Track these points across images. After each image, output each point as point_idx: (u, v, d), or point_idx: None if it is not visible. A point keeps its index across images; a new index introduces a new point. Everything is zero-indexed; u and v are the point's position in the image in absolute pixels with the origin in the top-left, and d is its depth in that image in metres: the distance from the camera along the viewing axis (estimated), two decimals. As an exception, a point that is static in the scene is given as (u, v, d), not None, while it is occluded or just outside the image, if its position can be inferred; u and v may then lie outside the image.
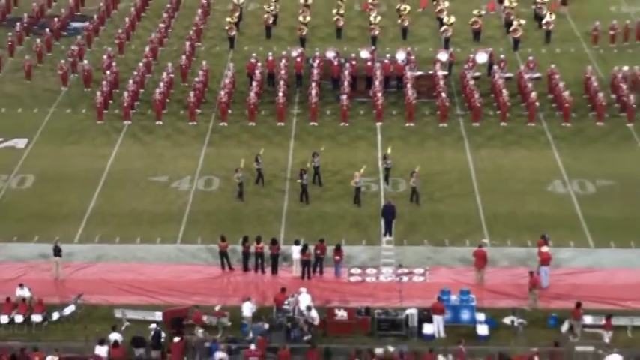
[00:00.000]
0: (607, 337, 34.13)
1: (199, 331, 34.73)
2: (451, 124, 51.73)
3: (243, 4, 67.96)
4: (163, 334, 34.01)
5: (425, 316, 35.76)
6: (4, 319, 35.85)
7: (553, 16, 64.81)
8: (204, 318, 35.37)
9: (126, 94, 52.93)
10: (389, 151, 46.82)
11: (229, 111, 52.36)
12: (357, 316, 35.92)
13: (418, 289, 37.81)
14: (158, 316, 35.59)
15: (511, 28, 63.11)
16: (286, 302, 35.83)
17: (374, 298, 37.54)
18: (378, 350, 33.24)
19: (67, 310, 36.43)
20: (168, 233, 41.78)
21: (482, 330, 35.37)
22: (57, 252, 38.75)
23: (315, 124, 51.80)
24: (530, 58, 58.30)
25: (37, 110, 53.39)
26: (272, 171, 46.13)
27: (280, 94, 52.89)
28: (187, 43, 60.48)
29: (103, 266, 39.59)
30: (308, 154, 46.43)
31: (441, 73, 55.64)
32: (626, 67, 55.79)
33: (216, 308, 35.85)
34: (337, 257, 38.85)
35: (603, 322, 34.76)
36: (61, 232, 40.82)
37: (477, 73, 56.35)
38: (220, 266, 39.25)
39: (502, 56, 58.11)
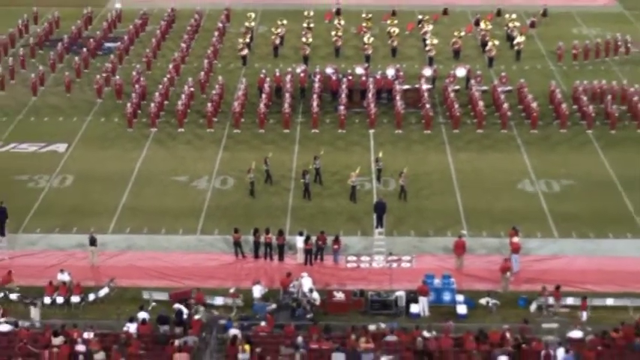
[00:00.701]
0: (583, 316, 34.23)
1: (213, 311, 35.06)
2: (434, 131, 51.82)
3: (254, 27, 68.21)
4: (185, 313, 34.22)
5: (412, 297, 35.99)
6: (47, 300, 36.02)
7: (522, 38, 65.07)
8: (216, 298, 35.74)
9: (152, 105, 53.14)
10: (380, 154, 46.95)
11: (242, 120, 52.49)
12: (352, 297, 36.20)
13: (406, 274, 37.81)
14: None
15: (486, 48, 63.35)
16: (291, 285, 36.07)
17: (367, 281, 37.70)
18: (371, 327, 33.23)
19: (102, 293, 36.66)
20: (189, 226, 41.90)
21: (462, 310, 35.58)
22: (92, 242, 38.96)
23: (317, 130, 51.91)
24: (503, 73, 58.64)
25: (75, 119, 53.49)
26: (279, 172, 46.19)
27: (286, 105, 53.06)
28: (205, 61, 60.74)
29: (133, 254, 39.78)
30: (310, 156, 46.56)
31: (425, 86, 55.72)
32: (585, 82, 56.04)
33: (231, 291, 36.02)
34: (336, 246, 39.07)
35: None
36: (96, 225, 41.04)
37: (457, 87, 56.44)
38: (234, 254, 39.41)
39: (478, 72, 58.37)
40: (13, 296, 36.47)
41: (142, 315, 33.79)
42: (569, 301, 35.73)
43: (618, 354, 31.32)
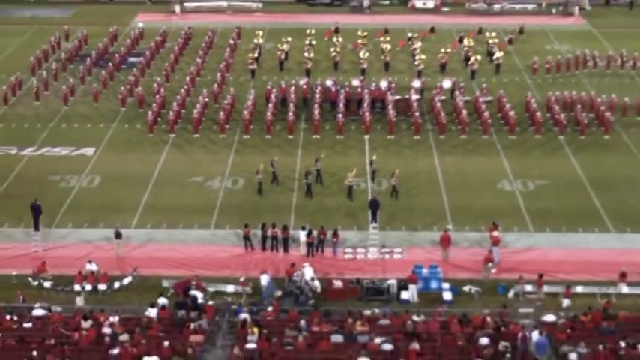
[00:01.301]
0: (565, 303, 34.27)
1: (225, 297, 35.15)
2: (423, 136, 51.79)
3: (262, 44, 68.22)
4: (200, 299, 34.27)
5: (402, 285, 36.06)
6: (77, 287, 36.14)
7: (501, 53, 65.11)
8: (228, 286, 35.75)
9: (171, 113, 53.17)
10: (374, 157, 46.98)
11: (251, 126, 52.44)
12: (349, 285, 36.33)
13: (397, 264, 37.97)
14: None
15: (469, 62, 63.33)
16: (295, 274, 36.10)
17: (363, 271, 37.75)
18: (366, 311, 33.37)
19: (126, 281, 36.79)
20: (203, 221, 41.91)
21: (447, 296, 35.66)
22: (118, 235, 39.03)
23: (317, 136, 51.89)
24: (484, 85, 58.60)
25: (102, 126, 53.47)
26: (284, 173, 46.16)
27: (290, 113, 53.07)
28: (218, 74, 60.69)
29: (153, 247, 39.84)
30: (312, 160, 46.51)
31: (414, 97, 55.74)
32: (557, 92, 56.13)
33: (241, 279, 36.14)
34: (335, 240, 39.10)
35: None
36: (120, 220, 40.98)
37: (443, 97, 56.33)
38: (244, 247, 39.44)
39: (462, 84, 58.40)
40: (47, 284, 36.62)
41: (162, 301, 33.98)
42: (545, 288, 35.82)
43: (587, 336, 31.32)
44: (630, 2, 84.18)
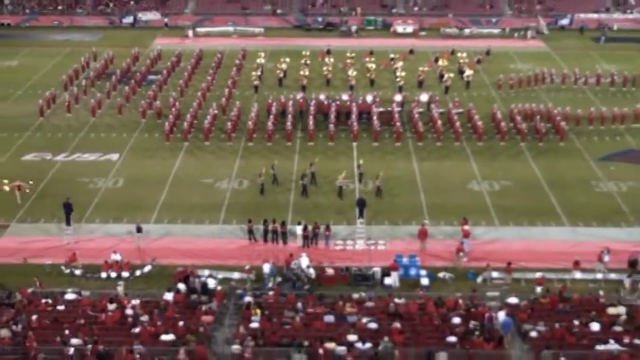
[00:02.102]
0: (538, 289, 34.16)
1: (232, 283, 35.12)
2: (403, 143, 51.72)
3: (264, 63, 68.13)
4: (211, 285, 34.18)
5: (385, 272, 36.01)
6: (104, 275, 36.18)
7: (471, 71, 65.23)
8: (234, 273, 35.78)
9: (185, 124, 53.04)
10: (361, 161, 46.93)
11: (254, 135, 52.29)
12: (340, 272, 36.22)
13: (381, 254, 37.96)
14: (206, 272, 35.67)
15: (443, 79, 63.47)
16: (292, 263, 36.04)
17: (351, 260, 37.68)
18: (355, 295, 33.34)
19: (146, 269, 36.73)
20: (213, 217, 41.80)
21: (424, 281, 35.61)
22: (139, 230, 38.97)
23: (312, 143, 51.76)
24: (456, 99, 58.54)
25: (125, 135, 53.33)
26: (283, 175, 46.04)
27: (288, 123, 52.96)
28: (226, 90, 60.57)
29: (170, 239, 39.68)
30: (307, 163, 46.48)
31: (396, 109, 55.64)
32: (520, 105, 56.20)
33: (246, 268, 36.02)
34: (327, 233, 39.02)
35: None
36: (141, 217, 40.96)
37: (421, 109, 56.28)
38: (248, 239, 39.34)
39: (437, 98, 58.27)
40: (77, 272, 36.56)
41: (181, 286, 33.85)
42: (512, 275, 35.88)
43: (545, 315, 31.48)
44: (581, 28, 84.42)
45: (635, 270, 35.70)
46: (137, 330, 29.82)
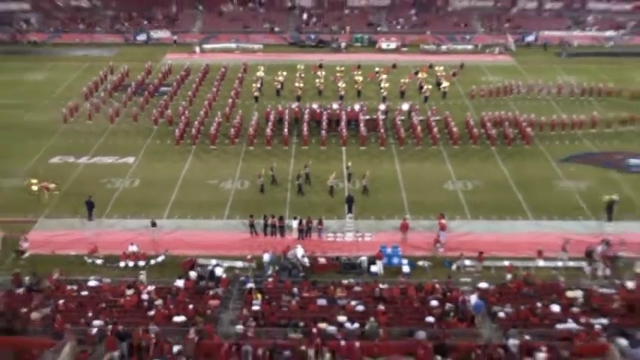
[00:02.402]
0: (508, 277, 34.37)
1: (236, 271, 35.26)
2: (387, 148, 51.92)
3: (263, 76, 68.20)
4: (218, 272, 34.37)
5: (371, 261, 36.30)
6: (122, 264, 36.42)
7: (447, 83, 65.52)
8: (237, 262, 35.99)
9: (193, 130, 53.20)
10: (350, 163, 47.26)
11: (255, 140, 52.49)
12: (331, 261, 36.52)
13: (367, 245, 38.18)
14: (213, 261, 35.92)
15: (422, 90, 63.66)
16: (289, 253, 36.33)
17: (341, 250, 37.95)
18: (344, 281, 33.62)
19: (159, 259, 36.98)
20: (219, 213, 41.97)
21: (406, 269, 35.94)
22: (153, 224, 39.23)
23: (306, 147, 51.89)
24: (434, 107, 58.69)
25: (140, 140, 53.36)
26: (281, 176, 46.23)
27: (285, 130, 53.21)
28: (229, 100, 60.69)
29: (181, 233, 39.82)
30: (302, 166, 46.67)
31: (381, 117, 55.94)
32: (496, 112, 56.45)
33: (248, 257, 36.28)
34: (319, 227, 39.25)
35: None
36: (155, 213, 41.19)
37: (402, 117, 56.59)
38: (250, 233, 39.53)
39: (417, 106, 58.59)
40: (99, 262, 36.77)
41: (192, 274, 34.13)
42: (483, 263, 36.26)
43: (512, 298, 31.78)
44: (544, 44, 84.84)
45: (592, 259, 36.08)
46: (152, 312, 30.07)
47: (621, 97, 62.55)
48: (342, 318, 29.46)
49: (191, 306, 30.52)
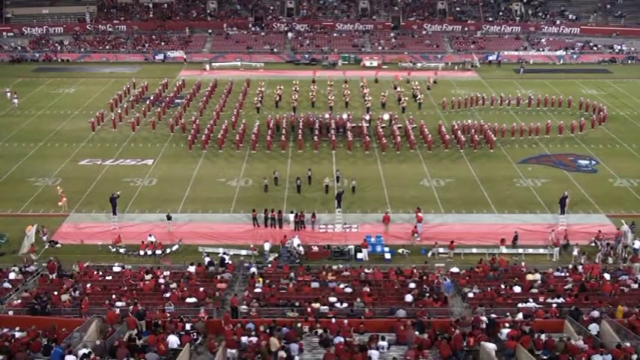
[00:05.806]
0: (477, 263, 34.09)
1: (241, 258, 34.85)
2: (370, 152, 51.57)
3: (264, 90, 67.78)
4: (226, 260, 34.01)
5: (358, 249, 36.07)
6: (142, 252, 35.97)
7: (422, 95, 65.20)
8: (242, 250, 35.43)
9: (204, 136, 52.74)
10: (338, 169, 46.93)
11: (257, 145, 52.10)
12: (323, 249, 36.27)
13: (354, 235, 37.90)
14: (221, 250, 35.56)
15: (401, 101, 63.27)
16: (287, 243, 36.02)
17: (331, 240, 37.63)
18: (334, 267, 33.32)
19: (174, 248, 36.54)
20: (226, 208, 41.60)
21: (387, 256, 35.72)
22: (169, 218, 38.84)
23: (301, 151, 51.48)
24: (411, 117, 58.43)
25: (157, 145, 52.91)
26: (280, 176, 45.78)
27: (283, 136, 52.81)
28: (235, 110, 60.24)
29: (193, 225, 39.44)
30: (299, 168, 46.36)
31: (365, 125, 55.61)
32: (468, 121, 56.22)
33: (251, 246, 35.97)
34: (313, 219, 39.03)
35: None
36: (170, 207, 40.79)
37: (384, 125, 56.23)
38: (252, 224, 39.18)
39: (396, 116, 58.17)
40: (122, 250, 36.39)
41: (206, 259, 33.76)
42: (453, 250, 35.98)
43: (479, 281, 31.59)
44: (499, 62, 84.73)
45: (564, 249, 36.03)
46: (168, 295, 29.65)
47: (570, 108, 62.49)
48: (332, 299, 29.17)
49: (202, 289, 30.18)
